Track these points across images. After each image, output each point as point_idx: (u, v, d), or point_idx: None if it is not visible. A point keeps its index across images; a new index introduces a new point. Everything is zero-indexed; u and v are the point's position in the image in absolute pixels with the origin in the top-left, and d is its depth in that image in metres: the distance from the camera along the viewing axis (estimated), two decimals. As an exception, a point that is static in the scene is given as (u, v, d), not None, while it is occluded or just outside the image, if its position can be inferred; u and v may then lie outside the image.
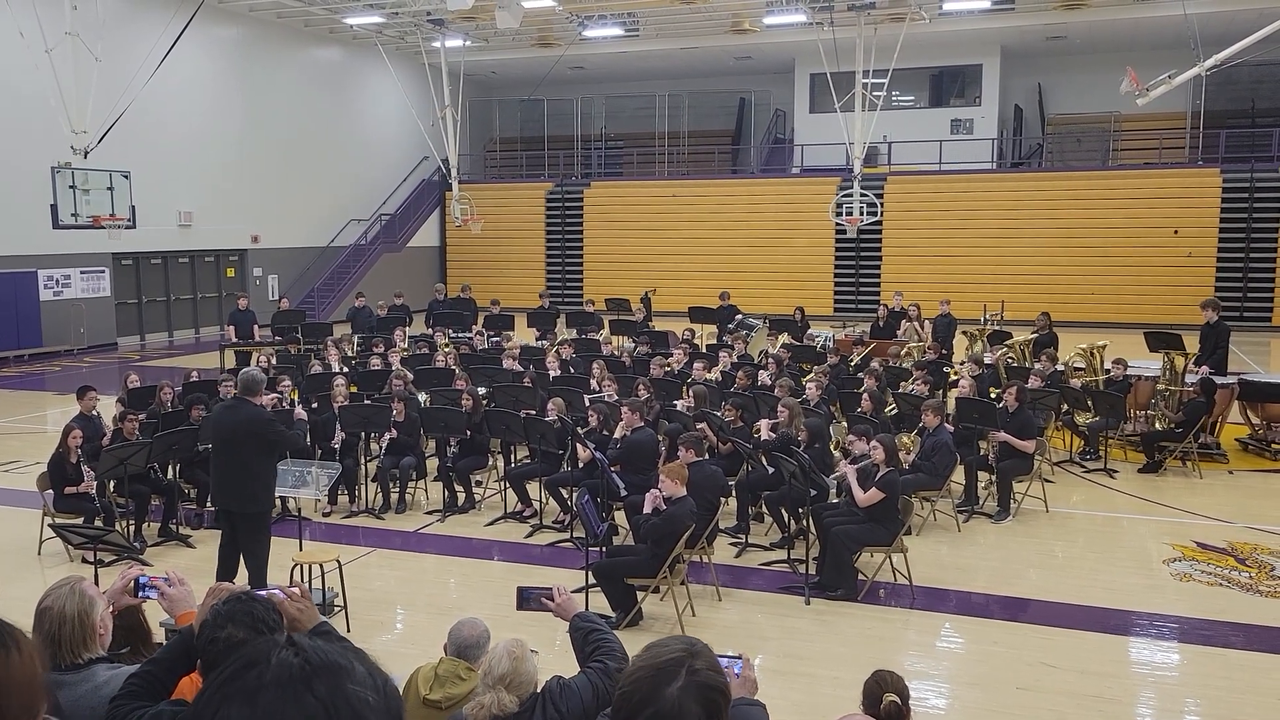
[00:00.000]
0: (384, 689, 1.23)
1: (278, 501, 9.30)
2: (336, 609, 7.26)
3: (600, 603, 7.17)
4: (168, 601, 3.31)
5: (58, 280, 21.54)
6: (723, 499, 8.71)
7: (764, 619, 7.43)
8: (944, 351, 15.06)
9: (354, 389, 12.17)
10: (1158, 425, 12.49)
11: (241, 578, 7.10)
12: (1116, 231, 25.47)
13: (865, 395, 10.73)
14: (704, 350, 15.15)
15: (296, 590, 3.16)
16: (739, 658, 2.92)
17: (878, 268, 27.67)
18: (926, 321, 16.84)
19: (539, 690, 3.66)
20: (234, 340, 17.72)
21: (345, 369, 13.19)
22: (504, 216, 30.56)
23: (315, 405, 11.22)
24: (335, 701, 1.16)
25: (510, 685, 3.58)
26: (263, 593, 3.23)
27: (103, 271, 22.48)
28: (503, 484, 10.18)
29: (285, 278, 27.53)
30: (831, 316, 24.93)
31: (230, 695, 1.18)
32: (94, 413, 10.02)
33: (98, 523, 8.54)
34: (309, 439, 10.41)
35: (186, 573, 3.56)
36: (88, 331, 22.04)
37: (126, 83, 16.53)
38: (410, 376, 11.93)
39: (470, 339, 16.43)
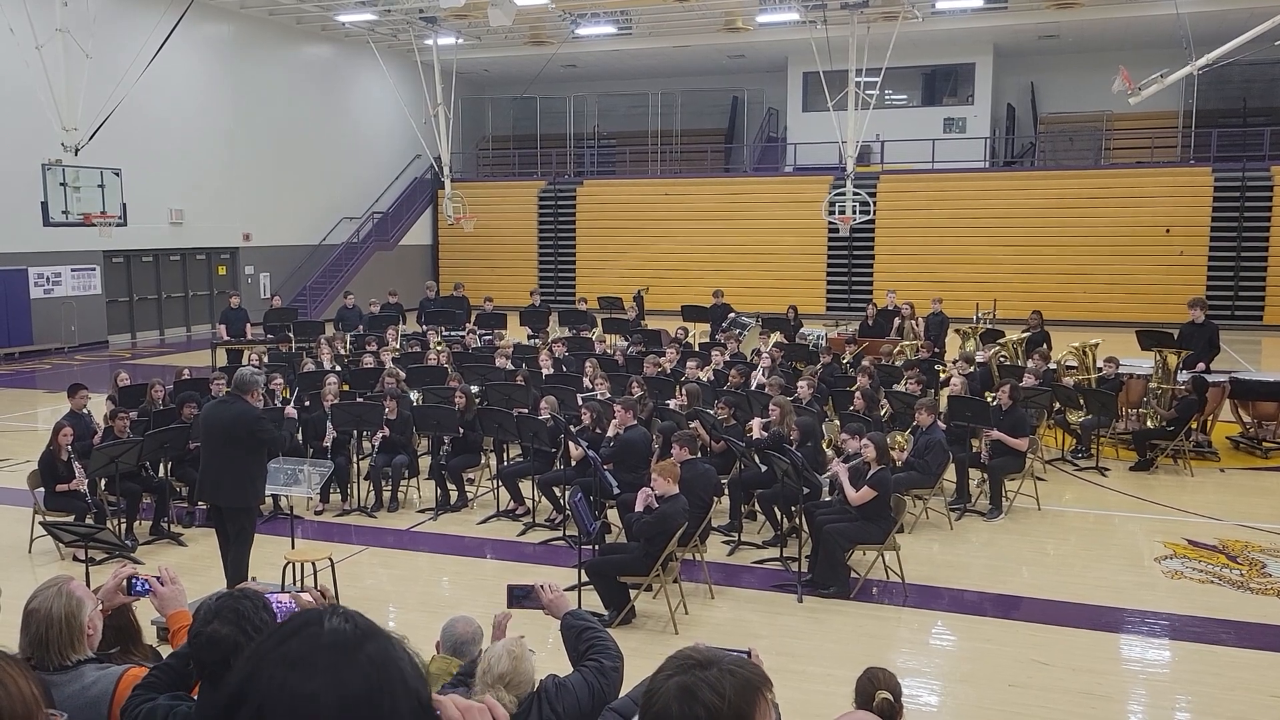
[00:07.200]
0: (415, 658, 1.33)
1: (269, 500, 9.29)
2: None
3: (593, 600, 7.17)
4: (159, 600, 3.28)
5: (48, 278, 21.45)
6: (715, 497, 8.73)
7: (757, 617, 7.43)
8: (937, 350, 15.10)
9: (346, 387, 12.16)
10: (1149, 423, 12.53)
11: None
12: (1108, 230, 25.51)
13: (858, 394, 10.74)
14: (697, 349, 15.17)
15: (320, 594, 3.14)
16: (747, 652, 2.91)
17: (870, 267, 27.68)
18: (920, 320, 16.89)
19: (535, 690, 3.65)
20: (226, 339, 17.68)
21: (338, 367, 13.18)
22: (496, 215, 30.51)
23: (308, 403, 11.21)
24: (384, 661, 1.25)
25: (509, 684, 3.57)
26: (286, 595, 3.21)
27: (93, 269, 22.39)
28: (495, 482, 10.17)
29: (277, 276, 27.46)
30: (824, 315, 24.93)
31: (291, 659, 1.22)
32: (85, 411, 9.99)
33: (89, 521, 8.51)
34: (300, 437, 10.41)
35: (178, 571, 3.54)
36: (78, 329, 21.95)
37: (117, 80, 16.45)
38: (402, 375, 11.92)
39: (463, 337, 16.41)
